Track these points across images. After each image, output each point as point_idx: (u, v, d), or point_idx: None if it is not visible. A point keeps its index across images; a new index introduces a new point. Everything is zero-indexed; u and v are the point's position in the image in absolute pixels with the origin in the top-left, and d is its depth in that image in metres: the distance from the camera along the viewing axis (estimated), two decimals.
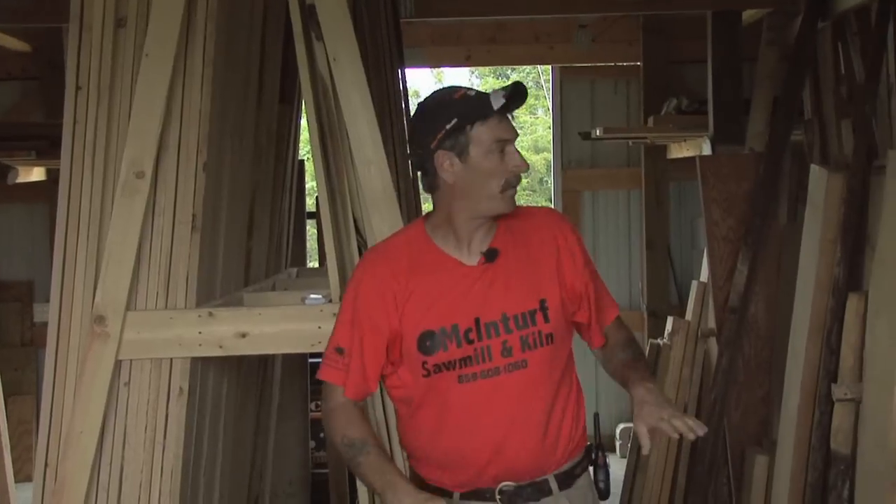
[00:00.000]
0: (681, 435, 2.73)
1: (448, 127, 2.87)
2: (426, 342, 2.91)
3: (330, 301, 4.09)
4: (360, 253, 4.12)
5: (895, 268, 3.99)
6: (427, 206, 15.74)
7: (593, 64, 8.94)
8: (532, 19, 8.64)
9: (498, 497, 2.95)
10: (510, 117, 2.99)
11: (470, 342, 2.90)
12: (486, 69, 19.58)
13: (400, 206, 4.94)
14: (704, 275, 6.46)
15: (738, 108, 6.66)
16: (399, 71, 6.14)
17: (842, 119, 5.62)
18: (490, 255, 2.95)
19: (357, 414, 2.96)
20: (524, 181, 19.01)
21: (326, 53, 4.06)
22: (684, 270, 8.62)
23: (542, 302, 2.94)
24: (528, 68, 19.44)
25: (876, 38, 4.89)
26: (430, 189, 2.99)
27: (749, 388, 5.75)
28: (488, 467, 2.95)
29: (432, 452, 2.99)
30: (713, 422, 5.73)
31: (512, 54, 9.08)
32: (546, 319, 2.93)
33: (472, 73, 19.21)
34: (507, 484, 2.96)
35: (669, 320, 6.51)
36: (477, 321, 2.90)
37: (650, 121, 7.90)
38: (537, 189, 19.17)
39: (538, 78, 19.07)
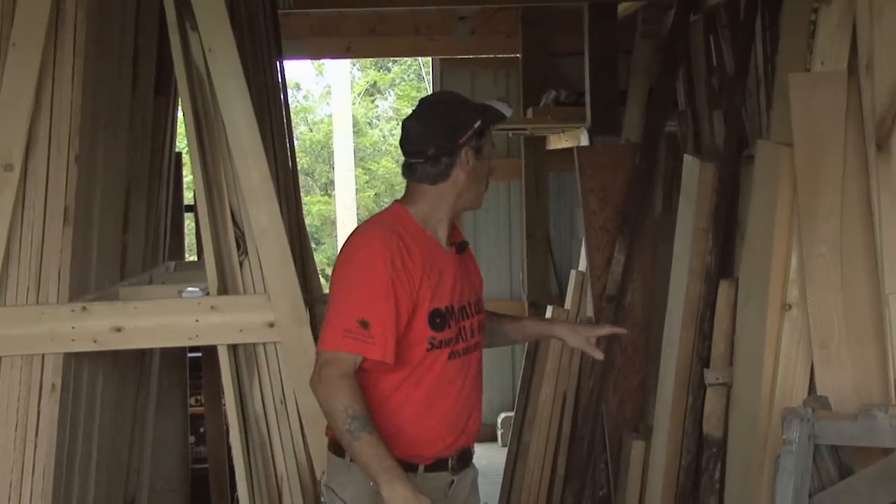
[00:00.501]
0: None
1: (476, 126, 3.22)
2: (437, 319, 3.22)
3: (207, 294, 4.07)
4: (238, 245, 4.11)
5: (763, 255, 4.09)
6: (310, 199, 15.53)
7: (473, 56, 8.99)
8: (412, 11, 8.66)
9: (450, 464, 3.30)
10: None
11: (457, 322, 3.27)
12: (368, 61, 19.57)
13: (278, 197, 4.93)
14: (583, 264, 6.54)
15: (614, 99, 6.76)
16: (278, 63, 6.11)
17: (713, 110, 5.73)
18: (461, 248, 3.37)
19: (360, 390, 3.10)
20: None
21: (202, 44, 4.03)
22: (564, 260, 8.73)
23: (478, 295, 3.42)
24: (409, 60, 19.49)
25: (744, 30, 5.00)
26: (436, 180, 3.27)
27: (626, 375, 5.85)
28: (460, 437, 3.32)
29: (413, 427, 3.23)
30: (591, 409, 5.82)
31: (392, 46, 9.09)
32: (480, 309, 3.42)
33: (354, 64, 19.17)
34: (459, 451, 3.33)
35: (549, 310, 6.59)
36: (460, 304, 3.29)
37: (529, 112, 7.98)
38: None
39: (419, 70, 19.13)
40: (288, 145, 6.05)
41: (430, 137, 3.27)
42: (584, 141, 6.75)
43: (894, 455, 3.26)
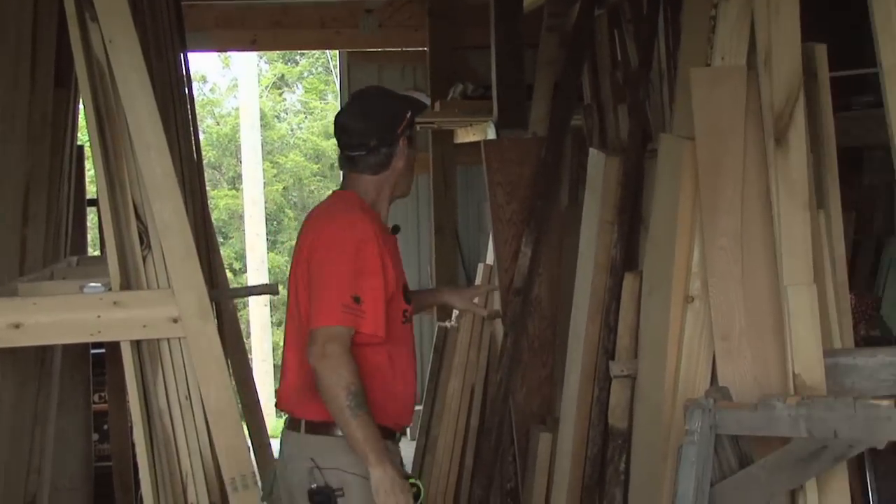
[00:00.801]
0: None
1: (408, 117, 3.56)
2: (406, 293, 3.62)
3: (109, 289, 4.03)
4: (142, 240, 4.07)
5: (666, 248, 4.14)
6: (217, 193, 15.33)
7: (380, 49, 8.99)
8: (318, 4, 8.64)
9: (398, 436, 3.65)
10: None
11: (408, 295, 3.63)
12: (276, 54, 19.45)
13: (183, 191, 4.89)
14: (491, 257, 6.58)
15: (520, 93, 6.80)
16: (181, 55, 6.05)
17: (618, 104, 5.80)
18: (395, 230, 3.76)
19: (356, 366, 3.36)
20: (315, 167, 19.01)
21: (102, 35, 3.98)
22: (472, 254, 8.78)
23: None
24: (317, 53, 19.41)
25: (647, 24, 5.06)
26: (378, 170, 3.59)
27: (533, 368, 5.88)
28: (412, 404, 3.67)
29: (401, 395, 3.58)
30: (498, 402, 5.85)
31: (298, 39, 9.07)
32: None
33: (261, 57, 19.04)
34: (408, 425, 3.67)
35: None
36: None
37: (437, 105, 8.00)
38: (328, 174, 19.16)
39: (328, 63, 19.07)
40: (193, 139, 6.00)
41: (370, 130, 3.55)
42: (491, 135, 6.78)
43: (792, 444, 3.33)
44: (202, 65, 19.48)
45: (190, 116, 6.04)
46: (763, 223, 3.96)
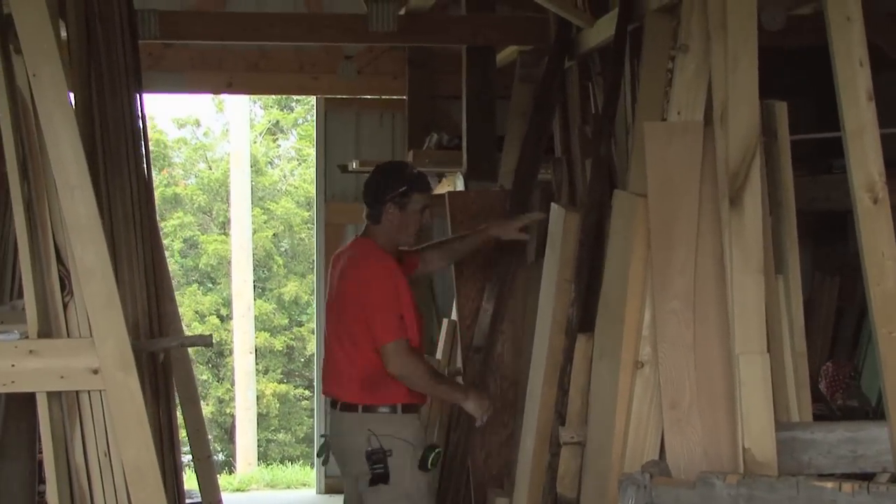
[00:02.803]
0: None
1: (401, 189, 4.71)
2: (418, 315, 4.85)
3: (26, 337, 3.82)
4: (63, 284, 3.87)
5: (617, 309, 3.94)
6: (206, 238, 15.13)
7: (359, 96, 8.82)
8: (297, 48, 8.48)
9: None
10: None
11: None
12: (271, 99, 19.32)
13: (133, 236, 4.69)
14: (455, 313, 6.37)
15: (490, 144, 6.62)
16: (136, 95, 5.86)
17: (586, 158, 5.61)
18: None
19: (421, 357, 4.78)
20: (306, 214, 18.83)
21: (26, 68, 3.80)
22: (447, 306, 8.53)
23: None
24: (312, 100, 19.21)
25: (612, 76, 4.88)
26: (375, 222, 4.78)
27: (493, 430, 5.65)
28: None
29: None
30: (457, 464, 5.62)
31: (275, 83, 8.89)
32: None
33: (255, 102, 18.92)
34: None
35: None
36: None
37: (410, 155, 7.82)
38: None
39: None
40: (146, 181, 5.79)
41: (370, 190, 4.79)
42: (460, 186, 6.60)
43: None
44: (196, 108, 19.40)
45: (144, 159, 5.84)
46: (717, 286, 3.76)
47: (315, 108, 9.22)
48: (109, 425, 3.87)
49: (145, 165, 5.80)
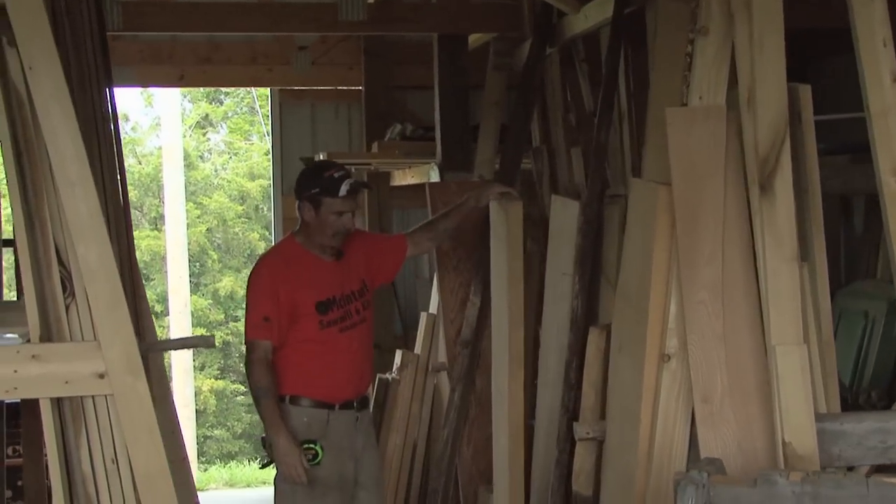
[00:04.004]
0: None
1: (313, 192, 4.64)
2: (322, 307, 4.65)
3: (28, 341, 3.61)
4: (64, 286, 3.66)
5: (639, 302, 3.81)
6: (139, 233, 14.91)
7: (313, 87, 8.61)
8: (250, 40, 8.26)
9: (355, 405, 4.73)
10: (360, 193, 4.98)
11: (341, 306, 4.70)
12: (200, 93, 18.99)
13: (109, 232, 4.46)
14: (433, 306, 6.21)
15: (465, 134, 6.47)
16: (107, 90, 5.61)
17: (571, 147, 5.49)
18: (338, 255, 4.76)
19: (270, 369, 4.58)
20: (240, 208, 18.53)
21: (21, 61, 3.58)
22: (408, 300, 8.38)
23: (363, 282, 4.83)
24: (242, 93, 18.95)
25: (610, 64, 4.75)
26: (301, 217, 4.72)
27: (480, 425, 5.51)
28: (359, 386, 4.78)
29: (322, 379, 4.65)
30: (445, 461, 5.47)
31: (228, 76, 8.64)
32: (364, 293, 4.82)
33: (185, 96, 18.57)
34: (360, 396, 4.77)
35: (398, 354, 6.22)
36: (343, 293, 4.72)
37: (375, 146, 7.64)
38: (253, 216, 18.69)
39: (253, 103, 18.64)
40: (119, 178, 5.55)
41: (294, 188, 4.78)
42: (435, 177, 6.44)
43: None
44: (124, 103, 18.98)
45: (116, 154, 5.60)
46: (745, 275, 3.65)
47: (269, 100, 8.99)
48: (117, 431, 3.69)
49: (118, 163, 5.57)
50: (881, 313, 5.31)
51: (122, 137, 6.04)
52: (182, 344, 5.16)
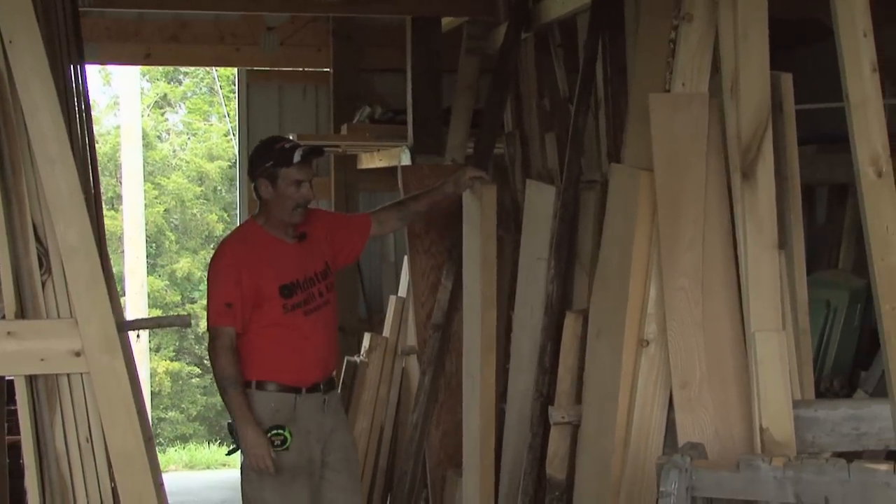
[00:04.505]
0: None
1: (267, 165, 4.59)
2: (285, 291, 4.60)
3: (3, 317, 3.58)
4: (41, 263, 3.63)
5: (618, 287, 3.82)
6: (111, 214, 14.67)
7: (281, 68, 8.58)
8: (217, 19, 8.21)
9: (322, 387, 4.69)
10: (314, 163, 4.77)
11: (304, 290, 4.64)
12: (159, 73, 18.84)
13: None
14: (402, 289, 6.21)
15: (437, 118, 6.46)
16: (79, 67, 5.55)
17: (545, 133, 5.50)
18: (301, 237, 4.70)
19: (235, 357, 4.52)
20: (198, 189, 18.42)
21: (1, 35, 3.54)
22: (374, 284, 8.38)
23: (326, 264, 4.77)
24: (201, 73, 18.83)
25: (589, 49, 4.76)
26: (259, 198, 4.67)
27: (450, 409, 5.52)
28: (326, 368, 4.75)
29: (288, 363, 4.60)
30: (414, 443, 5.48)
31: (195, 55, 8.60)
32: (327, 275, 4.76)
33: (144, 76, 18.41)
34: (326, 378, 4.74)
35: (366, 337, 6.22)
36: (306, 276, 4.66)
37: (344, 129, 7.62)
38: (211, 198, 18.58)
39: (213, 84, 18.52)
40: (90, 156, 5.50)
41: (249, 169, 4.74)
42: (406, 160, 6.43)
43: None
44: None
45: (87, 133, 5.54)
46: (725, 262, 3.68)
47: (237, 80, 8.94)
48: (92, 410, 3.67)
49: (89, 142, 5.51)
50: (843, 303, 5.37)
51: (92, 116, 5.97)
52: (157, 323, 5.13)
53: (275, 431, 4.51)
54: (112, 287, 5.76)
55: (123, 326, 5.10)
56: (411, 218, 5.22)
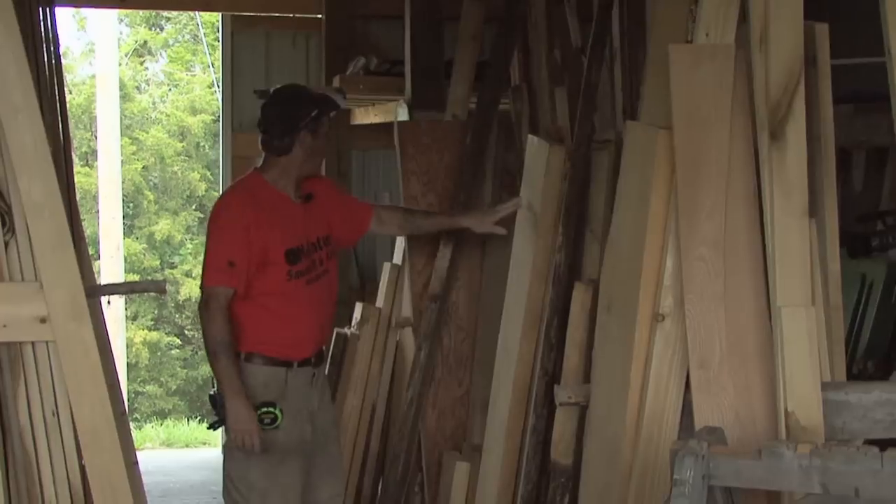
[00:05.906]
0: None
1: (312, 115, 4.57)
2: (291, 256, 4.55)
3: None
4: (4, 222, 3.63)
5: (631, 256, 3.78)
6: (84, 170, 14.64)
7: (269, 14, 8.51)
8: None
9: (312, 361, 4.66)
10: None
11: (308, 256, 4.62)
12: (139, 18, 18.77)
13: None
14: (398, 256, 6.17)
15: (438, 71, 6.40)
16: (48, 10, 5.50)
17: (555, 87, 5.44)
18: (307, 199, 4.69)
19: (229, 321, 4.46)
20: (179, 145, 18.38)
21: None
22: (367, 249, 8.34)
23: (329, 229, 4.74)
24: (184, 19, 18.77)
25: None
26: (280, 153, 4.57)
27: (447, 386, 5.51)
28: (319, 341, 4.72)
29: (283, 336, 4.56)
30: (408, 423, 5.46)
31: None
32: (329, 241, 4.73)
33: (122, 21, 18.33)
34: (317, 352, 4.70)
35: (358, 307, 6.19)
36: (309, 241, 4.63)
37: (336, 81, 7.55)
38: (194, 154, 18.54)
39: (197, 31, 18.46)
40: (59, 108, 5.47)
41: (277, 118, 4.58)
42: (403, 116, 6.37)
43: (803, 502, 2.99)
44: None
45: (57, 81, 5.50)
46: (748, 231, 3.64)
47: (220, 27, 8.88)
48: (59, 381, 3.68)
49: (59, 91, 5.47)
50: (880, 277, 5.34)
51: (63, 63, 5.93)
52: (130, 288, 5.15)
53: (265, 409, 4.47)
54: (83, 249, 5.75)
55: (94, 291, 5.10)
56: (413, 231, 5.32)
